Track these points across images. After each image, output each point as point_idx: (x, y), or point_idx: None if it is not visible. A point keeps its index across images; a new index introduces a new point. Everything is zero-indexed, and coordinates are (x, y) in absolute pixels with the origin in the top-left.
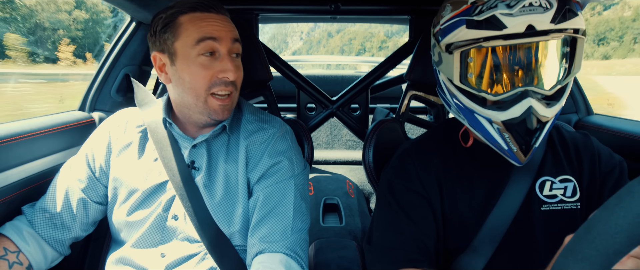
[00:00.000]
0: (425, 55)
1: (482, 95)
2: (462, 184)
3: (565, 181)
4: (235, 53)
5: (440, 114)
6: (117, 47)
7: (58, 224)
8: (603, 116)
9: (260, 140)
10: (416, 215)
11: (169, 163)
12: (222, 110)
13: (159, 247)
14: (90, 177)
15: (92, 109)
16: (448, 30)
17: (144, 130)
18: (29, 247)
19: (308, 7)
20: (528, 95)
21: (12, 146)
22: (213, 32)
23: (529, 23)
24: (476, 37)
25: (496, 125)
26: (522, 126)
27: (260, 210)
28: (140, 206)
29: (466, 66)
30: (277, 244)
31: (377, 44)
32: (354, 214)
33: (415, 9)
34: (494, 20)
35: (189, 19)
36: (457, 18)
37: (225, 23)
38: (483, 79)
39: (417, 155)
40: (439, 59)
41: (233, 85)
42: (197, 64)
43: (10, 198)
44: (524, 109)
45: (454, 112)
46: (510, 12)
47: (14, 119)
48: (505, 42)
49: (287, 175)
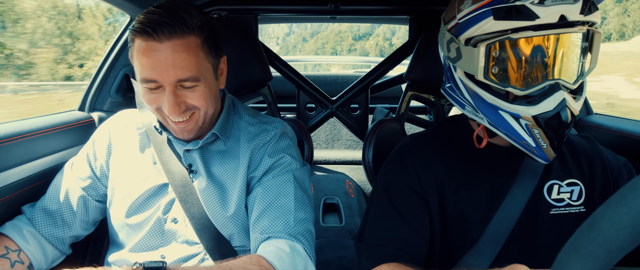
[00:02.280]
0: (425, 55)
1: (509, 89)
2: (466, 183)
3: (572, 185)
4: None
5: (440, 113)
6: (117, 47)
7: (58, 222)
8: (603, 116)
9: (264, 141)
10: (408, 213)
11: (168, 166)
12: (182, 132)
13: (159, 249)
14: (91, 176)
15: (91, 109)
16: (470, 23)
17: (144, 132)
18: (30, 246)
19: (307, 7)
20: (559, 87)
21: (12, 146)
22: (152, 74)
23: (562, 13)
24: (505, 28)
25: (525, 121)
26: (556, 120)
27: (260, 204)
28: (140, 209)
29: (490, 60)
30: (280, 233)
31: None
32: (354, 214)
33: (415, 9)
34: (524, 10)
35: (137, 47)
36: (483, 9)
37: (170, 56)
38: (511, 72)
39: (418, 151)
40: (457, 55)
41: (188, 110)
42: (145, 90)
43: (11, 198)
44: (557, 102)
45: (469, 112)
46: (541, 2)
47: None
48: (535, 33)
49: (287, 169)
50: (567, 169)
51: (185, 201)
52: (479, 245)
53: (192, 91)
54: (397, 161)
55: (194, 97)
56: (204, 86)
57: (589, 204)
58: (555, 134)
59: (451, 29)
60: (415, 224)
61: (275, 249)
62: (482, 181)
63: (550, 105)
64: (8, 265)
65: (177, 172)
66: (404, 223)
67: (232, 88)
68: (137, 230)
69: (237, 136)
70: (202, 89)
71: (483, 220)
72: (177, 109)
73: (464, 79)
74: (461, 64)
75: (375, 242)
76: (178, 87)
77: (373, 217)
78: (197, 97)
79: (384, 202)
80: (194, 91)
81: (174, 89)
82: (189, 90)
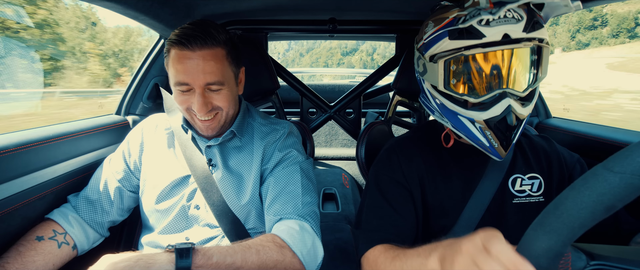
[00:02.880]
0: (409, 67)
1: (465, 98)
2: (442, 176)
3: (533, 178)
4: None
5: (422, 117)
6: (148, 60)
7: (98, 209)
8: (560, 119)
9: (274, 139)
10: (397, 203)
11: (191, 160)
12: (206, 129)
13: (184, 232)
14: (125, 170)
15: (126, 113)
16: (432, 42)
17: (171, 132)
18: (74, 229)
19: (310, 27)
20: (506, 95)
21: (60, 145)
22: (184, 78)
23: (505, 32)
24: (458, 46)
25: (478, 124)
26: (503, 123)
27: (272, 191)
28: (167, 196)
29: (449, 73)
30: (290, 214)
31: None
32: (348, 202)
33: (400, 28)
34: (473, 30)
35: (173, 56)
36: (440, 31)
37: (201, 63)
38: (465, 83)
39: (401, 150)
40: (423, 69)
41: (213, 110)
42: (177, 92)
43: (58, 188)
44: (503, 108)
45: (438, 117)
46: (487, 23)
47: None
48: (483, 50)
49: (294, 162)
50: (529, 164)
51: (206, 190)
52: (455, 229)
53: (218, 94)
54: (385, 159)
55: (218, 99)
56: (227, 90)
57: (547, 194)
58: (503, 135)
59: (420, 48)
60: (403, 212)
61: (287, 228)
62: (456, 175)
63: (498, 111)
64: (56, 245)
65: (199, 165)
66: (394, 212)
67: (245, 95)
68: (165, 215)
69: (251, 134)
70: (225, 92)
71: (458, 208)
72: (205, 108)
73: (431, 89)
74: (427, 77)
75: (370, 228)
76: (206, 89)
77: (367, 207)
78: (221, 99)
79: (376, 194)
80: (219, 94)
81: (203, 91)
82: (215, 93)
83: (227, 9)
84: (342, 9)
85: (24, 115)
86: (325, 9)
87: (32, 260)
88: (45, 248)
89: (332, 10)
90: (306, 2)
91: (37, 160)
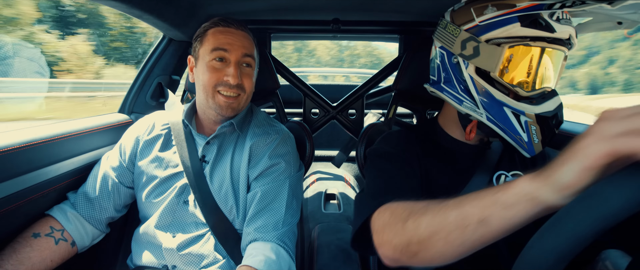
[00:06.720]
0: (410, 69)
1: (517, 89)
2: (437, 168)
3: (516, 176)
4: (245, 63)
5: (422, 118)
6: (152, 59)
7: (96, 206)
8: None
9: (264, 143)
10: (401, 163)
11: (184, 156)
12: (227, 107)
13: (171, 228)
14: (121, 166)
15: (130, 112)
16: (495, 26)
17: (168, 128)
18: (72, 226)
19: (313, 27)
20: (557, 94)
21: (64, 143)
22: (225, 44)
23: (570, 33)
24: (526, 35)
25: (526, 118)
26: (554, 119)
27: (257, 205)
28: (158, 190)
29: (507, 61)
30: (269, 234)
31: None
32: (350, 203)
33: (402, 29)
34: (546, 23)
35: (213, 32)
36: (511, 15)
37: (241, 38)
38: (522, 74)
39: (399, 136)
40: (474, 52)
41: (239, 88)
42: (209, 66)
43: (61, 186)
44: (557, 105)
45: (468, 108)
46: (558, 20)
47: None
48: (549, 45)
49: (284, 176)
50: (514, 162)
51: (196, 186)
52: None
53: (247, 73)
54: (384, 141)
55: (246, 79)
56: (252, 71)
57: None
58: (551, 131)
59: (470, 29)
60: (409, 171)
61: (264, 258)
62: (449, 168)
63: (551, 106)
64: (52, 242)
65: (192, 161)
66: (400, 171)
67: None
68: (156, 208)
69: (246, 133)
70: (251, 72)
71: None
72: (236, 79)
73: (475, 76)
74: (477, 61)
75: (376, 191)
76: (240, 64)
77: (370, 178)
78: (247, 80)
79: (378, 162)
80: (248, 74)
81: (238, 63)
82: (246, 69)
83: (231, 9)
84: (346, 9)
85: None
86: (328, 9)
87: (27, 257)
88: (41, 244)
89: (335, 11)
90: (310, 2)
91: (41, 158)
